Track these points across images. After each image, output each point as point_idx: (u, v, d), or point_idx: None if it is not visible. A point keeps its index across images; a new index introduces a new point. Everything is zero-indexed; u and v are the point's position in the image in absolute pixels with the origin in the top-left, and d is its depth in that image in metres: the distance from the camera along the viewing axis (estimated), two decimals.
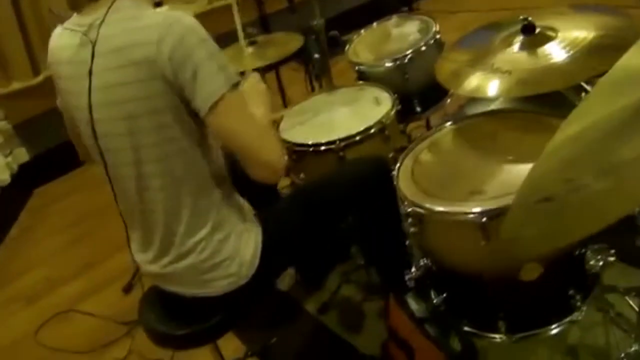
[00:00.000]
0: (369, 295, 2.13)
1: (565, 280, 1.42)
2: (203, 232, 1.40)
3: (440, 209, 1.36)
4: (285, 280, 2.20)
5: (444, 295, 1.53)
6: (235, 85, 1.30)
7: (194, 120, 1.32)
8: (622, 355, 1.48)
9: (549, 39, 1.48)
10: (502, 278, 1.39)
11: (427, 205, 1.37)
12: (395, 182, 1.49)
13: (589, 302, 1.42)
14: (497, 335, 1.45)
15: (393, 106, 1.82)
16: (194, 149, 1.36)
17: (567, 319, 1.43)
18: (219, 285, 1.44)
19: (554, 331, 1.44)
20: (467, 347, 1.45)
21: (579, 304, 1.41)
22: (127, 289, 2.53)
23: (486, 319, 1.47)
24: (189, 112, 1.31)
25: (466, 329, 1.48)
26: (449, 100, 2.10)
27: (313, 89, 2.36)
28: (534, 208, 0.97)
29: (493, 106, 1.85)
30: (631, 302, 1.58)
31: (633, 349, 1.47)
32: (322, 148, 1.76)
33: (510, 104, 1.82)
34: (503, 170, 1.41)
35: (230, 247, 1.42)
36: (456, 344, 1.47)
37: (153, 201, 1.38)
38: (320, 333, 2.07)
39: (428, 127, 2.30)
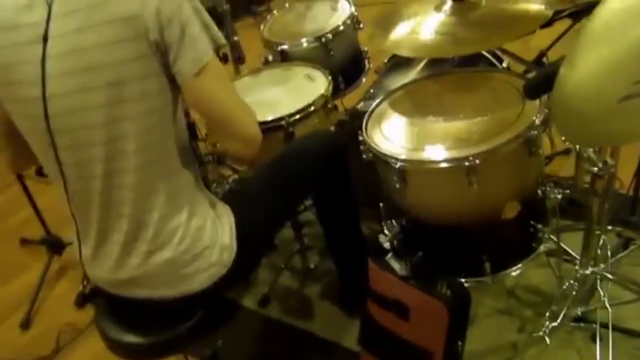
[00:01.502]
0: (308, 281, 2.12)
1: (533, 216, 1.54)
2: (180, 218, 1.27)
3: (432, 159, 1.39)
4: None
5: (420, 253, 1.56)
6: (219, 48, 1.21)
7: (171, 88, 1.20)
8: (572, 281, 1.66)
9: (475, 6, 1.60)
10: (485, 220, 1.46)
11: (418, 158, 1.41)
12: (367, 145, 1.52)
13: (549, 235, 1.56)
14: (483, 278, 1.52)
15: (329, 80, 1.82)
16: (170, 122, 1.24)
17: (538, 250, 1.54)
18: (200, 278, 1.31)
19: (529, 263, 1.53)
20: (459, 292, 1.48)
21: (546, 236, 1.53)
22: (26, 325, 2.18)
23: (470, 264, 1.53)
24: (168, 78, 1.19)
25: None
26: (364, 79, 2.14)
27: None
28: (617, 106, 1.03)
29: (407, 79, 1.94)
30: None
31: (578, 274, 1.65)
32: (271, 126, 1.69)
33: (421, 73, 1.96)
34: (464, 120, 1.50)
35: (209, 233, 1.31)
36: (445, 292, 1.49)
37: (122, 187, 1.22)
38: (268, 326, 2.01)
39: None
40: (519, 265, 1.54)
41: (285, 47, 2.02)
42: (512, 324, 1.80)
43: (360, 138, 1.54)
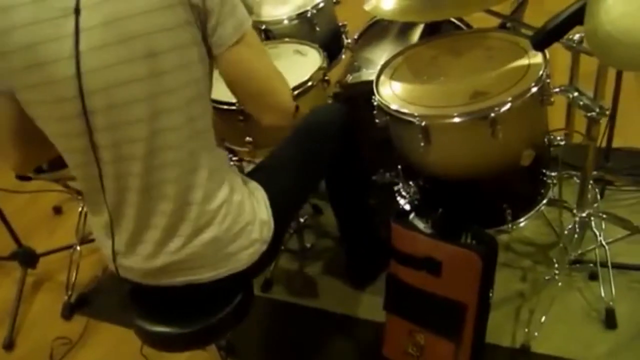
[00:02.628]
0: (308, 260, 2.12)
1: (542, 164, 1.62)
2: (223, 194, 1.24)
3: (458, 113, 1.43)
4: None
5: (440, 210, 1.60)
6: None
7: (209, 58, 1.17)
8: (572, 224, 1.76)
9: None
10: (504, 170, 1.52)
11: (444, 114, 1.44)
12: (384, 108, 1.54)
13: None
14: (502, 227, 1.58)
15: (322, 53, 1.82)
16: (208, 94, 1.21)
17: (548, 195, 1.63)
18: (243, 256, 1.29)
19: (543, 207, 1.62)
20: (486, 239, 1.53)
21: (554, 181, 1.62)
22: (9, 345, 2.02)
23: (490, 214, 1.59)
24: (206, 47, 1.15)
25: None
26: (343, 56, 2.16)
27: None
28: None
29: (384, 49, 1.98)
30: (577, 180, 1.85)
31: (577, 217, 1.76)
32: None
33: (396, 42, 2.00)
34: (478, 76, 1.56)
35: (249, 208, 1.29)
36: (472, 243, 1.54)
37: (165, 167, 1.16)
38: (276, 309, 1.99)
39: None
40: (533, 211, 1.59)
41: (269, 26, 1.98)
42: (514, 275, 1.88)
43: (375, 102, 1.55)
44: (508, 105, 1.39)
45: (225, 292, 1.33)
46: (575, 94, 1.56)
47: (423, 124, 1.44)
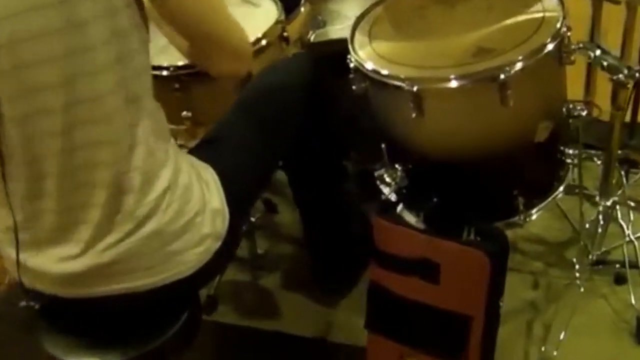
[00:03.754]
0: (261, 271, 2.14)
1: (560, 139, 1.65)
2: (166, 175, 1.23)
3: (458, 74, 1.43)
4: None
5: (435, 199, 1.62)
6: None
7: (143, 18, 1.18)
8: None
9: None
10: (515, 147, 1.55)
11: (440, 76, 1.45)
12: (363, 72, 1.55)
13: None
14: (514, 219, 1.61)
15: (278, 3, 1.82)
16: (143, 48, 1.21)
17: (567, 179, 1.68)
18: (192, 256, 1.28)
19: (560, 195, 1.65)
20: (494, 235, 1.54)
21: (575, 160, 1.66)
22: None
23: (497, 204, 1.63)
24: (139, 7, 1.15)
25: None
26: (302, 8, 2.15)
27: None
28: None
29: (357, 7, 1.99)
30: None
31: (600, 206, 1.81)
32: None
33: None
34: (479, 30, 1.58)
35: (197, 194, 1.29)
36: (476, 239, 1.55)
37: (93, 144, 1.15)
38: (224, 335, 1.99)
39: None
40: (550, 199, 1.63)
41: None
42: (523, 281, 1.92)
43: (352, 65, 1.55)
44: (521, 64, 1.41)
45: (167, 306, 1.32)
46: (598, 52, 1.58)
47: (414, 89, 1.44)
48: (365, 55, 1.57)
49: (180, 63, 1.66)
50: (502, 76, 1.40)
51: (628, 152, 1.99)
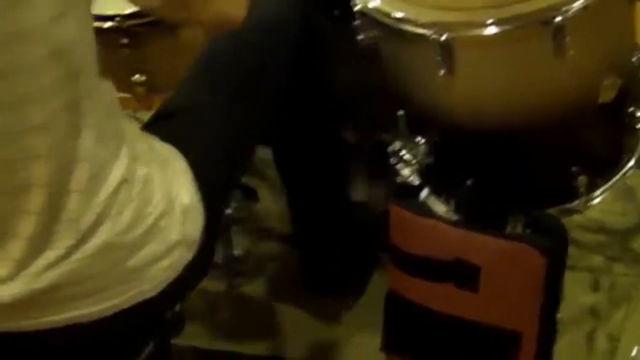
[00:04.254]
0: (239, 277, 2.12)
1: (629, 99, 1.62)
2: (120, 167, 1.20)
3: (500, 18, 1.40)
4: None
5: (469, 181, 1.59)
6: None
7: None
8: None
9: None
10: (573, 110, 1.53)
11: (478, 21, 1.42)
12: (372, 17, 1.52)
13: None
14: (572, 204, 1.59)
15: None
16: (87, 10, 1.17)
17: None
18: (156, 271, 1.25)
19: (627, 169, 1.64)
20: (551, 227, 1.52)
21: None
22: None
23: (551, 186, 1.60)
24: None
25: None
26: None
27: None
28: None
29: None
30: None
31: None
32: None
33: None
34: None
35: (161, 190, 1.26)
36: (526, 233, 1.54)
37: (26, 131, 1.11)
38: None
39: None
40: (618, 176, 1.63)
41: None
42: (580, 281, 1.91)
43: (356, 7, 1.53)
44: (582, 2, 1.38)
45: (125, 338, 1.30)
46: None
47: (443, 37, 1.41)
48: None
49: (129, 10, 1.63)
50: (557, 18, 1.37)
51: None
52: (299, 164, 1.82)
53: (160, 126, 1.42)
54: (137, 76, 1.66)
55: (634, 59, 1.57)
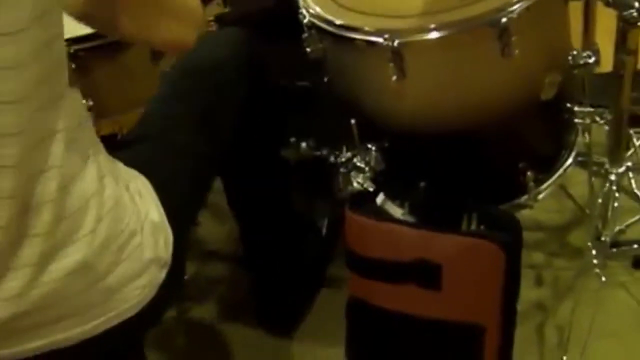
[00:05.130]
0: (188, 302, 2.11)
1: (566, 95, 1.69)
2: (90, 179, 1.18)
3: (446, 23, 1.44)
4: None
5: (422, 183, 1.63)
6: None
7: None
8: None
9: None
10: (518, 108, 1.58)
11: (427, 26, 1.44)
12: (321, 27, 1.54)
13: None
14: (521, 200, 1.64)
15: None
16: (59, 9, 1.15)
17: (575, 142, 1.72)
18: (132, 291, 1.24)
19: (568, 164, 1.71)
20: (504, 221, 1.55)
21: (587, 120, 1.70)
22: None
23: (499, 182, 1.65)
24: None
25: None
26: None
27: None
28: None
29: None
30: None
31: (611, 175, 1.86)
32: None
33: None
34: None
35: (130, 207, 1.25)
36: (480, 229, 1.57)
37: None
38: None
39: None
40: (561, 170, 1.68)
41: None
42: (524, 278, 1.86)
43: (305, 20, 1.55)
44: (523, 4, 1.43)
45: None
46: None
47: (395, 43, 1.43)
48: (322, 7, 1.56)
49: (78, 34, 1.60)
50: (503, 20, 1.41)
51: (635, 108, 2.03)
52: (247, 188, 1.83)
53: (124, 152, 1.39)
54: (83, 102, 1.60)
55: (569, 58, 1.60)
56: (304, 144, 1.95)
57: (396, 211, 1.59)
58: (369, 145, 1.66)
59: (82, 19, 1.35)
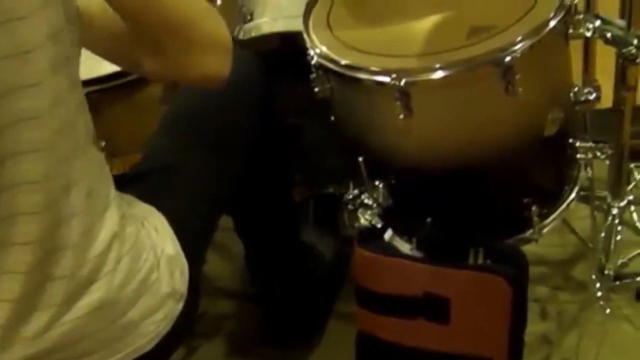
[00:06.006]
0: (192, 340, 2.09)
1: (569, 132, 1.71)
2: (111, 224, 1.20)
3: (456, 59, 1.46)
4: None
5: (428, 219, 1.64)
6: None
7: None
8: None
9: None
10: (522, 144, 1.60)
11: (432, 66, 1.47)
12: (335, 67, 1.55)
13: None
14: (527, 234, 1.66)
15: None
16: (77, 69, 1.19)
17: (579, 178, 1.75)
18: (150, 325, 1.26)
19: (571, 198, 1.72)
20: (509, 255, 1.57)
21: (589, 155, 1.72)
22: None
23: (507, 217, 1.66)
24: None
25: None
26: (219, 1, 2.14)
27: None
28: None
29: None
30: None
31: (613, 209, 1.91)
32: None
33: None
34: (465, 6, 1.66)
35: (147, 244, 1.27)
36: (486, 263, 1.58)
37: (17, 185, 1.09)
38: None
39: None
40: (565, 205, 1.70)
41: None
42: (529, 312, 1.93)
43: (313, 61, 1.56)
44: (528, 42, 1.45)
45: None
46: (598, 23, 1.66)
47: (402, 83, 1.45)
48: (330, 47, 1.57)
49: (90, 76, 1.62)
50: (507, 59, 1.43)
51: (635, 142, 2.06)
52: (257, 225, 1.84)
53: (135, 187, 1.41)
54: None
55: (571, 94, 1.63)
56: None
57: (404, 246, 1.60)
58: (377, 182, 1.67)
59: (107, 58, 1.38)
